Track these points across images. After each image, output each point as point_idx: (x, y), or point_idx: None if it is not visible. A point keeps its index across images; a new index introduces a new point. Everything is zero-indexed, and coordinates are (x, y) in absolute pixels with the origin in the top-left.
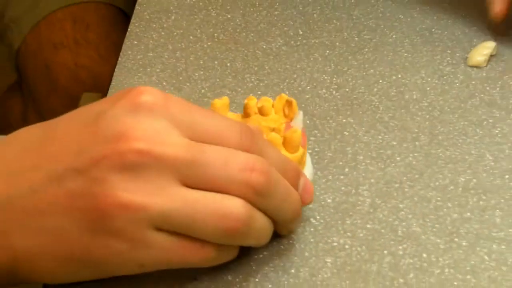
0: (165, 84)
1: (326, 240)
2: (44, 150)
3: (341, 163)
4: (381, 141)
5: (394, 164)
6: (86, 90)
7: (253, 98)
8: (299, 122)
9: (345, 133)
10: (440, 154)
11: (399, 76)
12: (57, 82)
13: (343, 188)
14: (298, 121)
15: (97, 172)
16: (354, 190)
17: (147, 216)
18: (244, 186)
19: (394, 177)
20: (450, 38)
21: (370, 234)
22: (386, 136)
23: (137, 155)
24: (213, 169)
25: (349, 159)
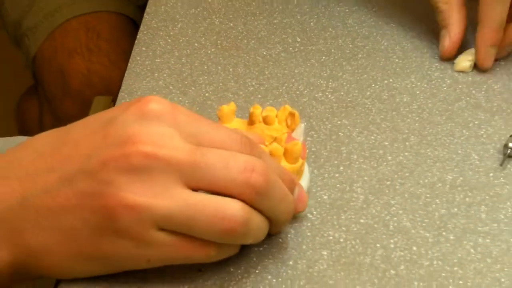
0: (171, 88)
1: (322, 234)
2: (58, 154)
3: (336, 162)
4: (373, 141)
5: (386, 163)
6: (97, 94)
7: (258, 107)
8: (300, 134)
9: (340, 133)
10: (429, 154)
11: (391, 80)
12: (71, 86)
13: (338, 185)
14: (299, 132)
15: (105, 174)
16: (348, 187)
17: (151, 216)
18: (244, 186)
19: (386, 175)
20: (438, 45)
21: (363, 228)
22: (378, 136)
23: (143, 158)
24: (214, 170)
25: (343, 158)
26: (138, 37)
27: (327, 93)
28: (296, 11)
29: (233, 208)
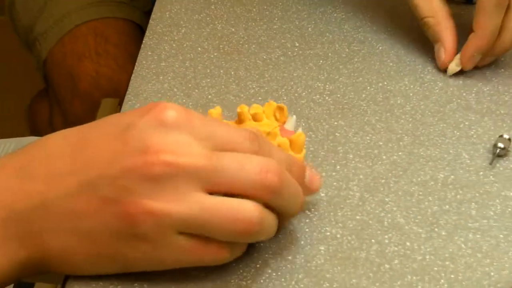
0: (175, 90)
1: (320, 230)
2: (78, 156)
3: (333, 161)
4: (369, 141)
5: (380, 162)
6: (105, 96)
7: (244, 106)
8: (293, 125)
9: (336, 134)
10: (421, 153)
11: (385, 83)
12: (80, 88)
13: (335, 183)
14: (292, 124)
15: (126, 181)
16: (344, 185)
17: (170, 221)
18: (260, 187)
19: (380, 173)
20: (430, 50)
21: (359, 224)
22: (373, 137)
23: (164, 167)
24: (231, 174)
25: (340, 158)
26: (144, 41)
27: (325, 95)
28: (294, 17)
29: (248, 209)
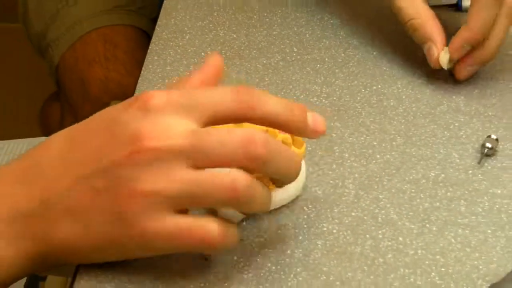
0: None
1: (317, 226)
2: (71, 157)
3: (329, 160)
4: (363, 141)
5: (374, 161)
6: (114, 99)
7: None
8: None
9: (333, 134)
10: (413, 153)
11: (379, 86)
12: (90, 92)
13: (331, 181)
14: None
15: (115, 171)
16: (340, 183)
17: (160, 199)
18: (244, 159)
19: (374, 172)
20: (422, 54)
21: (354, 220)
22: (367, 137)
23: (148, 153)
24: (214, 150)
25: (336, 157)
26: (150, 47)
27: (321, 98)
28: (293, 24)
29: (233, 176)
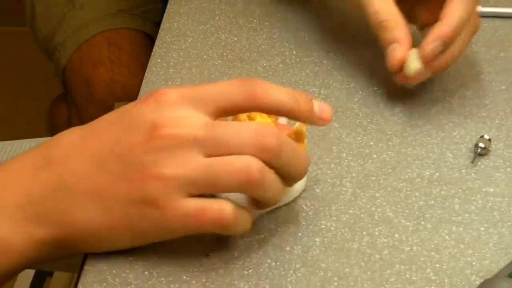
0: None
1: (315, 223)
2: (87, 145)
3: (327, 160)
4: (360, 141)
5: (371, 160)
6: (118, 101)
7: None
8: (285, 119)
9: (331, 135)
10: (409, 152)
11: (375, 88)
12: (94, 94)
13: (329, 180)
14: (284, 118)
15: (133, 156)
16: (338, 182)
17: (176, 184)
18: (257, 149)
19: (371, 171)
20: None
21: (351, 218)
22: (364, 137)
23: (165, 139)
24: (228, 140)
25: (334, 157)
26: (154, 50)
27: (320, 99)
28: (293, 27)
29: (246, 161)
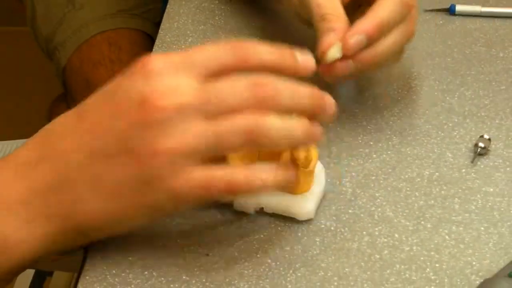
0: None
1: (315, 223)
2: (81, 130)
3: (327, 159)
4: (360, 141)
5: (371, 160)
6: None
7: None
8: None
9: (330, 135)
10: (408, 152)
11: (375, 88)
12: None
13: (329, 180)
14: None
15: (131, 134)
16: (338, 182)
17: (181, 155)
18: (255, 102)
19: (371, 171)
20: (416, 57)
21: (351, 218)
22: (364, 137)
23: (159, 112)
24: (223, 99)
25: (334, 156)
26: (154, 49)
27: None
28: (293, 30)
29: (246, 117)
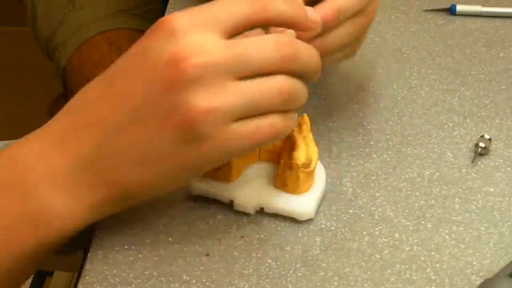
0: None
1: (316, 223)
2: (114, 97)
3: (328, 160)
4: (360, 141)
5: (371, 160)
6: None
7: None
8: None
9: (331, 134)
10: (409, 152)
11: (375, 87)
12: None
13: (329, 180)
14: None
15: (169, 95)
16: (338, 182)
17: (222, 114)
18: (281, 61)
19: (371, 171)
20: (417, 56)
21: (352, 217)
22: (365, 137)
23: (196, 69)
24: (252, 59)
25: (334, 156)
26: None
27: (321, 99)
28: None
29: (278, 81)
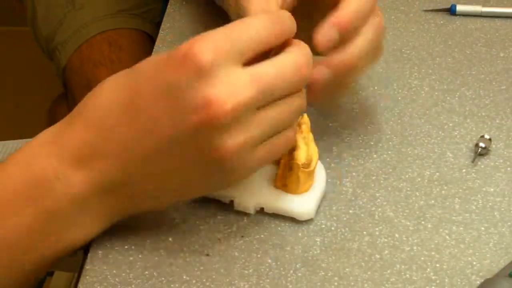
0: None
1: (316, 223)
2: (138, 125)
3: (328, 160)
4: (361, 141)
5: (371, 160)
6: None
7: None
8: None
9: (331, 134)
10: (409, 152)
11: (376, 88)
12: None
13: (330, 180)
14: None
15: (201, 136)
16: (338, 182)
17: (249, 147)
18: (301, 83)
19: (371, 171)
20: (417, 56)
21: (352, 218)
22: (365, 137)
23: (227, 115)
24: (276, 87)
25: (334, 156)
26: (154, 49)
27: None
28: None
29: (299, 102)
